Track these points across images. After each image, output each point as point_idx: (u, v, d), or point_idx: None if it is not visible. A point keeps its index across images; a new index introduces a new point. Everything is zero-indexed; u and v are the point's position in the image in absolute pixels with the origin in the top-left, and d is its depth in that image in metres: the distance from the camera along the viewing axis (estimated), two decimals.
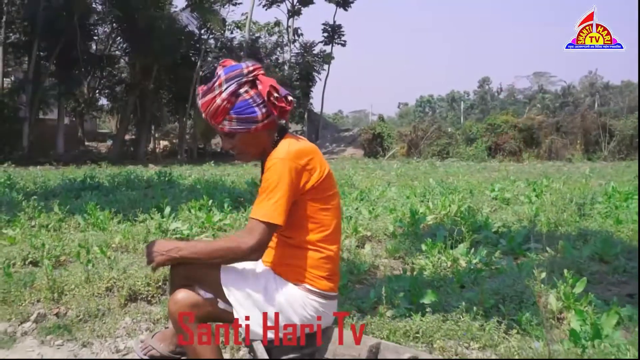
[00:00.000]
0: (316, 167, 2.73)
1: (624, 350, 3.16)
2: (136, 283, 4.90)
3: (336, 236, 2.86)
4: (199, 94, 2.78)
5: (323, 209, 2.77)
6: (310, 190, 2.71)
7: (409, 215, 7.91)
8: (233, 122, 2.70)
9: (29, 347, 3.95)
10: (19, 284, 4.92)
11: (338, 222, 2.88)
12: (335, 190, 2.88)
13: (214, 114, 2.70)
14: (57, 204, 8.63)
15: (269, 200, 2.60)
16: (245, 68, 2.72)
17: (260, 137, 2.78)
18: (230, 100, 2.67)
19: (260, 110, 2.71)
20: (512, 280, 4.77)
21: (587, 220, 8.59)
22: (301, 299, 2.76)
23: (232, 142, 2.80)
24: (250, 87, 2.71)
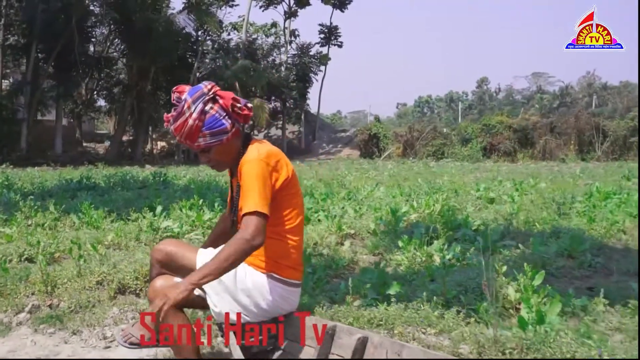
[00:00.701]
0: (283, 167, 3.05)
1: (564, 335, 3.47)
2: (125, 277, 5.21)
3: (299, 229, 3.17)
4: (168, 121, 3.09)
5: (289, 204, 3.09)
6: (280, 188, 3.02)
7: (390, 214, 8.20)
8: (207, 137, 3.00)
9: (23, 335, 4.26)
10: (15, 278, 5.24)
11: (302, 216, 3.20)
12: (299, 188, 3.21)
13: (189, 134, 3.00)
14: (52, 204, 8.95)
15: (253, 196, 2.87)
16: (205, 87, 3.03)
17: (232, 146, 3.09)
18: (201, 118, 2.97)
19: (227, 121, 3.02)
20: (476, 274, 5.07)
21: (565, 219, 8.89)
22: (268, 285, 3.07)
23: (208, 155, 3.11)
24: (214, 103, 3.02)
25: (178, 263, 3.16)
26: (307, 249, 6.32)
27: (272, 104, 46.97)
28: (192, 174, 19.39)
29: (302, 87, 48.16)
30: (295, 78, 47.39)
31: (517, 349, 3.41)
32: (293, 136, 51.27)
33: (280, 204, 3.06)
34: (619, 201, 9.99)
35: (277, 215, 3.05)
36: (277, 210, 3.04)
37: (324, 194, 11.21)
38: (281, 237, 3.09)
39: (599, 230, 7.79)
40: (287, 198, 3.10)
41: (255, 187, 2.89)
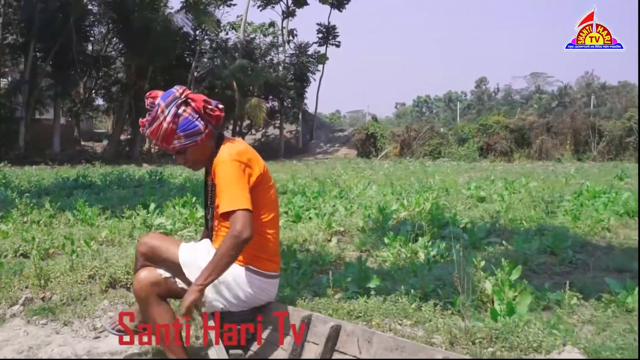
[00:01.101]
0: (255, 164, 3.22)
1: (532, 326, 3.64)
2: (117, 271, 5.37)
3: (275, 222, 3.35)
4: (144, 126, 3.25)
5: (263, 199, 3.26)
6: (253, 184, 3.19)
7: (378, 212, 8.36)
8: (182, 139, 3.18)
9: (16, 326, 4.42)
10: (9, 272, 5.40)
11: (276, 211, 3.37)
12: (272, 183, 3.37)
13: (164, 136, 3.17)
14: (48, 201, 9.10)
15: (233, 195, 3.06)
16: (177, 91, 3.21)
17: (206, 146, 3.27)
18: (175, 121, 3.14)
19: (200, 122, 3.19)
20: (455, 269, 5.22)
21: (552, 218, 9.06)
22: (246, 277, 3.24)
23: (184, 156, 3.29)
24: (186, 106, 3.19)
25: (161, 256, 3.32)
26: (294, 245, 6.47)
27: (269, 103, 47.10)
28: (188, 172, 19.55)
29: (300, 86, 48.25)
30: (293, 77, 47.51)
31: (487, 339, 3.57)
32: (291, 135, 51.38)
33: (255, 200, 3.20)
34: (607, 200, 10.15)
35: (253, 209, 3.21)
36: (253, 205, 3.19)
37: (316, 193, 11.38)
38: (257, 231, 3.22)
39: (583, 228, 7.96)
40: (262, 193, 3.26)
41: (232, 186, 3.07)
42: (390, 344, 2.89)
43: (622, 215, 9.13)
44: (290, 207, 9.37)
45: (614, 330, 3.83)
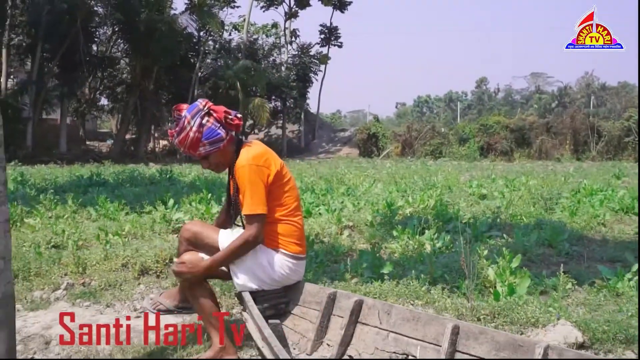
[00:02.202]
0: (272, 163, 3.70)
1: (530, 303, 4.10)
2: (147, 260, 5.84)
3: (297, 210, 3.84)
4: (172, 136, 3.72)
5: (284, 192, 3.75)
6: (273, 181, 3.67)
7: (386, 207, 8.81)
8: (207, 146, 3.64)
9: (62, 308, 4.86)
10: (49, 261, 5.87)
11: (297, 200, 3.87)
12: (290, 177, 3.86)
13: (191, 145, 3.64)
14: (71, 198, 9.54)
15: (251, 198, 3.56)
16: (200, 104, 3.70)
17: (227, 151, 3.74)
18: (200, 131, 3.61)
19: (222, 131, 3.66)
20: (460, 257, 5.68)
21: (550, 213, 9.50)
22: (278, 260, 3.70)
23: (208, 161, 3.76)
24: (209, 117, 3.66)
25: (203, 241, 3.78)
26: (310, 237, 6.92)
27: (272, 104, 47.49)
28: (196, 171, 20.00)
29: (302, 86, 48.67)
30: (295, 78, 47.89)
31: (490, 315, 4.04)
32: (293, 135, 51.82)
33: (277, 193, 3.71)
34: (604, 197, 10.57)
35: (276, 203, 3.71)
36: (275, 199, 3.70)
37: (324, 190, 11.84)
38: (283, 220, 3.74)
39: (579, 223, 8.40)
40: (281, 187, 3.75)
41: (250, 190, 3.56)
42: (407, 315, 3.35)
43: (618, 212, 9.56)
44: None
45: (604, 310, 4.28)
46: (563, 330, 3.64)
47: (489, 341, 2.97)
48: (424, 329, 3.24)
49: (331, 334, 3.62)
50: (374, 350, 3.40)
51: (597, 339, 3.66)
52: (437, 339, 3.14)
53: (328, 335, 3.64)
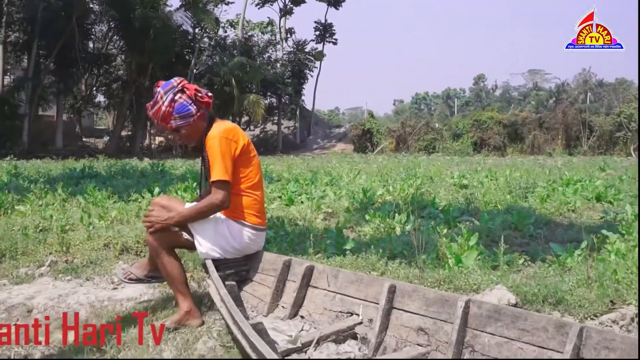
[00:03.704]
0: (239, 139, 4.02)
1: (474, 272, 4.45)
2: (128, 241, 6.19)
3: (259, 185, 4.16)
4: (148, 109, 4.05)
5: (248, 166, 4.07)
6: (239, 154, 3.99)
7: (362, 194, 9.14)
8: (177, 120, 3.97)
9: (45, 282, 5.20)
10: (35, 241, 6.23)
11: (260, 175, 4.19)
12: (255, 154, 4.20)
13: (162, 117, 3.97)
14: (60, 187, 9.87)
15: (217, 166, 3.87)
16: (175, 82, 4.03)
17: (198, 126, 4.06)
18: (172, 105, 3.94)
19: (193, 107, 3.99)
20: (423, 237, 6.01)
21: (525, 201, 9.81)
22: (239, 230, 4.03)
23: (179, 134, 4.08)
24: (182, 93, 3.98)
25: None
26: (285, 220, 7.26)
27: (267, 100, 47.88)
28: (188, 165, 20.31)
29: (297, 83, 49.07)
30: (290, 74, 48.26)
31: (436, 282, 4.37)
32: (288, 131, 52.18)
33: (242, 167, 4.04)
34: (580, 187, 10.88)
35: (239, 176, 4.04)
36: (239, 172, 4.02)
37: (309, 180, 12.17)
38: (245, 192, 4.06)
39: (549, 209, 8.72)
40: (246, 161, 4.07)
41: (218, 159, 3.87)
42: (351, 277, 3.69)
43: (590, 200, 9.87)
44: (284, 192, 10.16)
45: (549, 280, 4.60)
46: (498, 294, 3.96)
47: (420, 298, 3.30)
48: (366, 290, 3.58)
49: (286, 297, 3.97)
50: (322, 310, 3.74)
51: (528, 300, 3.98)
52: (376, 298, 3.48)
53: (283, 298, 3.99)
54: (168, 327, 3.83)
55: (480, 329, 2.99)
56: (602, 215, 8.17)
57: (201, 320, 3.98)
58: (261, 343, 2.65)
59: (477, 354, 2.96)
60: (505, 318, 2.90)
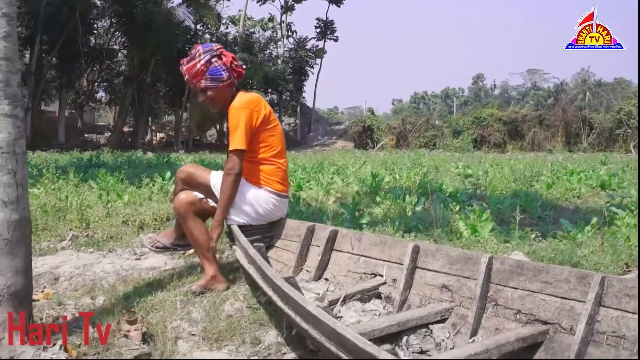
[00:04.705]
0: (261, 108, 4.15)
1: (490, 241, 4.57)
2: (145, 218, 6.32)
3: (282, 154, 4.29)
4: (182, 63, 4.17)
5: (270, 135, 4.20)
6: (261, 123, 4.11)
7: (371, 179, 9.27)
8: (207, 80, 4.09)
9: (68, 254, 5.31)
10: (54, 218, 6.33)
11: (283, 144, 4.32)
12: (278, 123, 4.33)
13: (195, 75, 4.09)
14: (72, 171, 9.98)
15: (235, 137, 4.00)
16: (215, 46, 4.17)
17: (225, 93, 4.19)
18: (206, 65, 4.07)
19: (225, 73, 4.11)
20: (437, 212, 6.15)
21: (530, 188, 9.95)
22: (263, 196, 4.16)
23: (205, 95, 4.19)
24: (219, 58, 4.11)
25: (196, 181, 4.23)
26: (299, 202, 7.38)
27: (268, 97, 47.94)
28: (193, 157, 20.43)
29: (298, 80, 49.21)
30: (291, 71, 48.37)
31: None
32: (289, 128, 52.30)
33: (264, 136, 4.16)
34: (584, 176, 11.03)
35: (263, 145, 4.17)
36: (261, 141, 4.16)
37: (315, 169, 12.30)
38: (269, 161, 4.19)
39: (555, 195, 8.86)
40: (268, 131, 4.20)
41: (236, 130, 4.01)
42: (375, 240, 3.82)
43: (595, 188, 10.02)
44: (292, 180, 10.28)
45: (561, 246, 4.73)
46: (515, 258, 4.09)
47: (444, 257, 3.42)
48: (389, 251, 3.70)
49: (310, 261, 4.09)
50: (346, 272, 3.86)
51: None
52: (400, 259, 3.59)
53: (307, 262, 4.11)
54: (194, 291, 3.95)
55: (503, 283, 3.09)
56: (608, 199, 8.30)
57: (227, 284, 4.10)
58: (296, 293, 2.73)
59: (500, 308, 3.07)
60: (527, 272, 2.99)
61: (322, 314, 2.39)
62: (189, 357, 3.13)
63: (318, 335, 2.41)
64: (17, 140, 2.99)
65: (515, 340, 2.69)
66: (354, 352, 2.09)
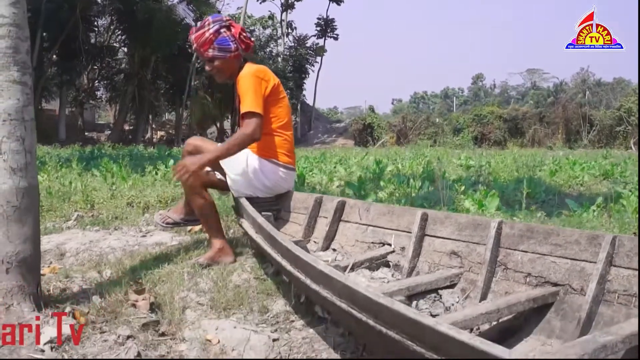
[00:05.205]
0: (270, 78, 4.15)
1: (495, 216, 4.56)
2: (150, 200, 6.31)
3: (289, 125, 4.28)
4: (192, 32, 4.15)
5: (278, 106, 4.19)
6: (269, 94, 4.10)
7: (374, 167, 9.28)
8: (215, 50, 4.07)
9: (74, 232, 5.32)
10: (59, 199, 6.33)
11: (289, 117, 4.31)
12: (285, 95, 4.31)
13: (203, 43, 4.07)
14: (75, 160, 9.99)
15: (248, 99, 3.96)
16: (225, 17, 4.18)
17: (232, 64, 4.17)
18: (215, 35, 4.05)
19: (233, 44, 4.10)
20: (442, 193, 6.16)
21: (535, 176, 9.96)
22: (270, 168, 4.16)
23: (212, 65, 4.17)
24: (227, 29, 4.11)
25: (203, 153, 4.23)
26: (304, 185, 7.39)
27: None
28: None
29: (299, 77, 49.23)
30: (291, 69, 48.40)
31: None
32: None
33: (272, 106, 4.14)
34: (587, 166, 11.06)
35: (270, 115, 4.14)
36: (270, 112, 4.13)
37: (318, 158, 12.33)
38: (276, 132, 4.18)
39: (558, 182, 8.88)
40: (276, 101, 4.18)
41: (250, 93, 3.95)
42: (383, 209, 3.81)
43: (597, 177, 10.03)
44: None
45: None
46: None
47: (452, 224, 3.41)
48: (398, 220, 3.69)
49: (317, 232, 4.09)
50: (354, 242, 3.86)
51: None
52: (408, 227, 3.58)
53: (315, 234, 4.11)
54: (201, 263, 3.96)
55: (513, 247, 3.08)
56: (612, 185, 8.31)
57: (234, 257, 4.10)
58: (306, 254, 2.72)
59: (510, 271, 3.06)
60: (537, 235, 2.99)
61: (332, 272, 2.37)
62: (197, 324, 3.13)
63: (329, 295, 2.39)
64: (26, 107, 2.99)
65: (526, 301, 2.68)
66: (366, 306, 2.06)
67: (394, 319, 1.85)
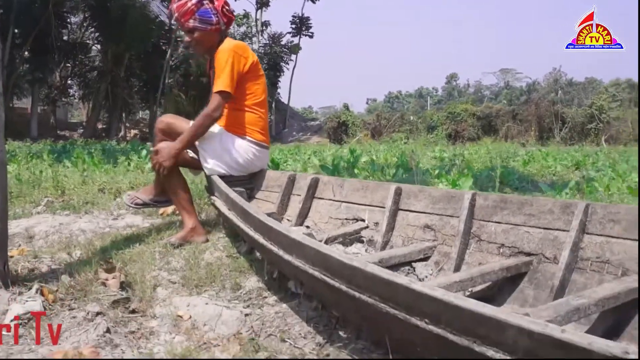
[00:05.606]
0: (249, 55, 4.11)
1: None
2: (122, 186, 6.23)
3: (264, 104, 4.25)
4: (173, 2, 4.10)
5: (255, 83, 4.15)
6: (247, 70, 4.06)
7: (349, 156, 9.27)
8: (196, 21, 4.03)
9: (43, 216, 5.23)
10: (29, 185, 6.23)
11: (265, 95, 4.27)
12: (262, 73, 4.27)
13: (184, 13, 4.03)
14: (46, 152, 9.86)
15: (222, 78, 3.93)
16: None
17: (212, 37, 4.13)
18: (197, 6, 4.01)
19: (215, 17, 4.06)
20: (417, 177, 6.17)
21: (508, 165, 10.03)
22: (244, 146, 4.12)
23: (192, 36, 4.13)
24: (210, 2, 4.06)
25: (176, 130, 4.17)
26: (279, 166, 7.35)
27: None
28: None
29: (273, 75, 49.09)
30: (266, 67, 48.26)
31: None
32: None
33: (249, 83, 4.11)
34: (559, 158, 11.16)
35: (246, 92, 4.12)
36: (245, 88, 4.10)
37: (293, 150, 12.31)
38: (250, 109, 4.14)
39: (531, 171, 8.93)
40: (253, 78, 4.15)
41: (224, 71, 3.93)
42: (357, 185, 3.78)
43: (569, 167, 10.11)
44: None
45: None
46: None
47: (426, 197, 3.40)
48: (371, 195, 3.67)
49: (290, 210, 4.05)
50: (328, 219, 3.83)
51: None
52: (382, 202, 3.56)
53: (288, 211, 4.07)
54: (173, 243, 3.90)
55: (486, 219, 3.07)
56: (584, 174, 8.39)
57: (206, 237, 4.06)
58: (278, 224, 2.69)
59: (483, 243, 3.05)
60: (511, 206, 2.98)
61: (306, 239, 2.33)
62: (169, 302, 3.09)
63: (302, 264, 2.35)
64: None
65: (499, 270, 2.67)
66: (339, 271, 2.01)
67: (367, 282, 1.82)
